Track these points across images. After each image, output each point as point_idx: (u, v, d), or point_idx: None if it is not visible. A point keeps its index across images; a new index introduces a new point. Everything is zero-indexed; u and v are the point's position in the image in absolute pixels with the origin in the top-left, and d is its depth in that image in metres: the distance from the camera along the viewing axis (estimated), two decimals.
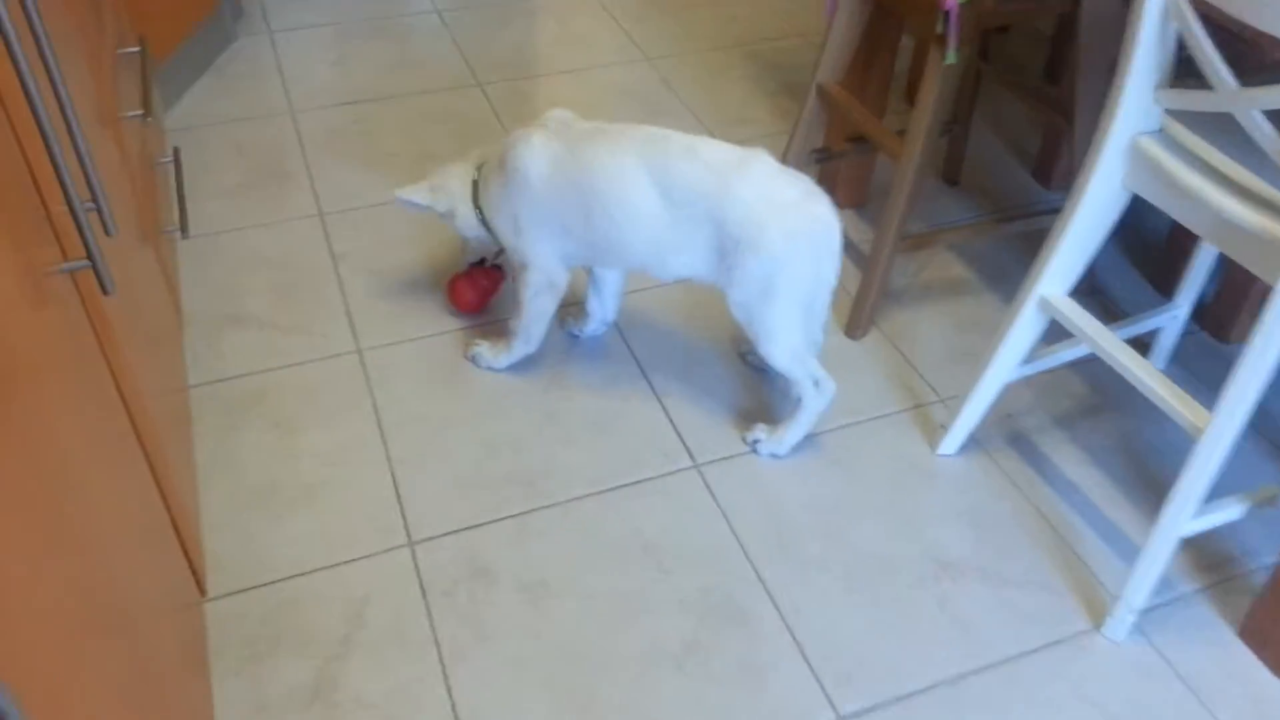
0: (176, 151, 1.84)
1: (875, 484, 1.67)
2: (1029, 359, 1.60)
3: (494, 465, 1.68)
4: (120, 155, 1.38)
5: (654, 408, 1.78)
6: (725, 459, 1.70)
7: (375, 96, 2.58)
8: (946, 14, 1.59)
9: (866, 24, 1.91)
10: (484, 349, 1.83)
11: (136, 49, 1.71)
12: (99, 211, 0.94)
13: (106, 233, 0.94)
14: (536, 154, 1.61)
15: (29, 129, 0.89)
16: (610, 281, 1.84)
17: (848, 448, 1.73)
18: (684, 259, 1.59)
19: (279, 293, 1.99)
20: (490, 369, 1.83)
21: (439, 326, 1.93)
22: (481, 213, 1.74)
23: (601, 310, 1.88)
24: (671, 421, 1.76)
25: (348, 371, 1.83)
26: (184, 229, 1.66)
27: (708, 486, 1.66)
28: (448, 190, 1.76)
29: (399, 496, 1.62)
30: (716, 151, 1.54)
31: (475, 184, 1.75)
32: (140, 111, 1.58)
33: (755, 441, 1.70)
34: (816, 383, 1.64)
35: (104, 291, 0.87)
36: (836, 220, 1.55)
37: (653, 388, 1.82)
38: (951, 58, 1.63)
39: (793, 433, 1.67)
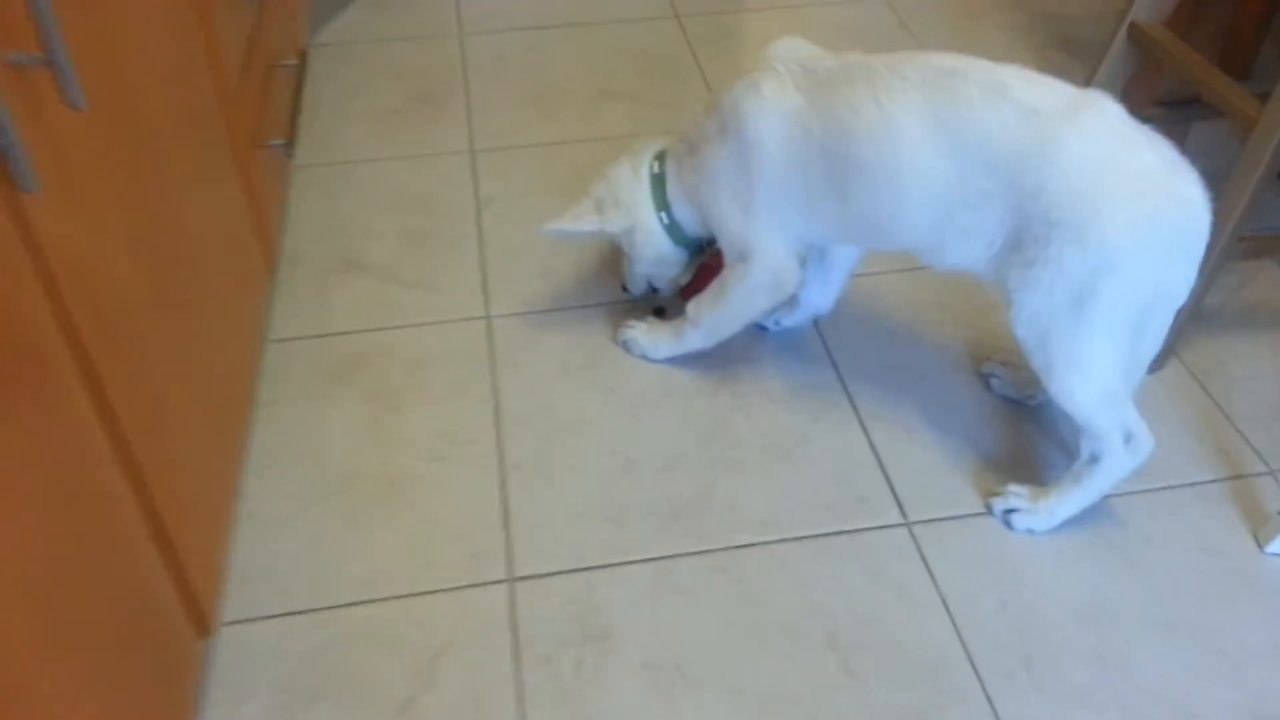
0: (304, 56, 1.51)
1: (1175, 588, 1.16)
2: None
3: (632, 487, 1.27)
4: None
5: (855, 435, 1.33)
6: (950, 520, 1.23)
7: (556, 23, 2.20)
8: None
9: None
10: (639, 333, 1.42)
11: None
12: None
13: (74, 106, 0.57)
14: (769, 110, 1.17)
15: None
16: (843, 260, 1.39)
17: (1134, 528, 1.22)
18: (965, 246, 1.12)
19: (409, 238, 1.64)
20: (644, 358, 1.42)
21: (588, 298, 1.53)
22: (669, 218, 1.34)
23: (821, 296, 1.43)
24: (878, 457, 1.30)
25: (470, 341, 1.47)
26: (290, 146, 1.33)
27: (923, 557, 1.19)
28: (620, 200, 1.34)
29: (506, 514, 1.24)
30: (1036, 90, 1.05)
31: (656, 178, 1.33)
32: None
33: (1009, 511, 1.21)
34: (1129, 438, 1.14)
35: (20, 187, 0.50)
36: (1208, 207, 1.05)
37: (855, 408, 1.36)
38: None
39: (1070, 501, 1.18)
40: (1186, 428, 1.33)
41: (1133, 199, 1.01)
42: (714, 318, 1.33)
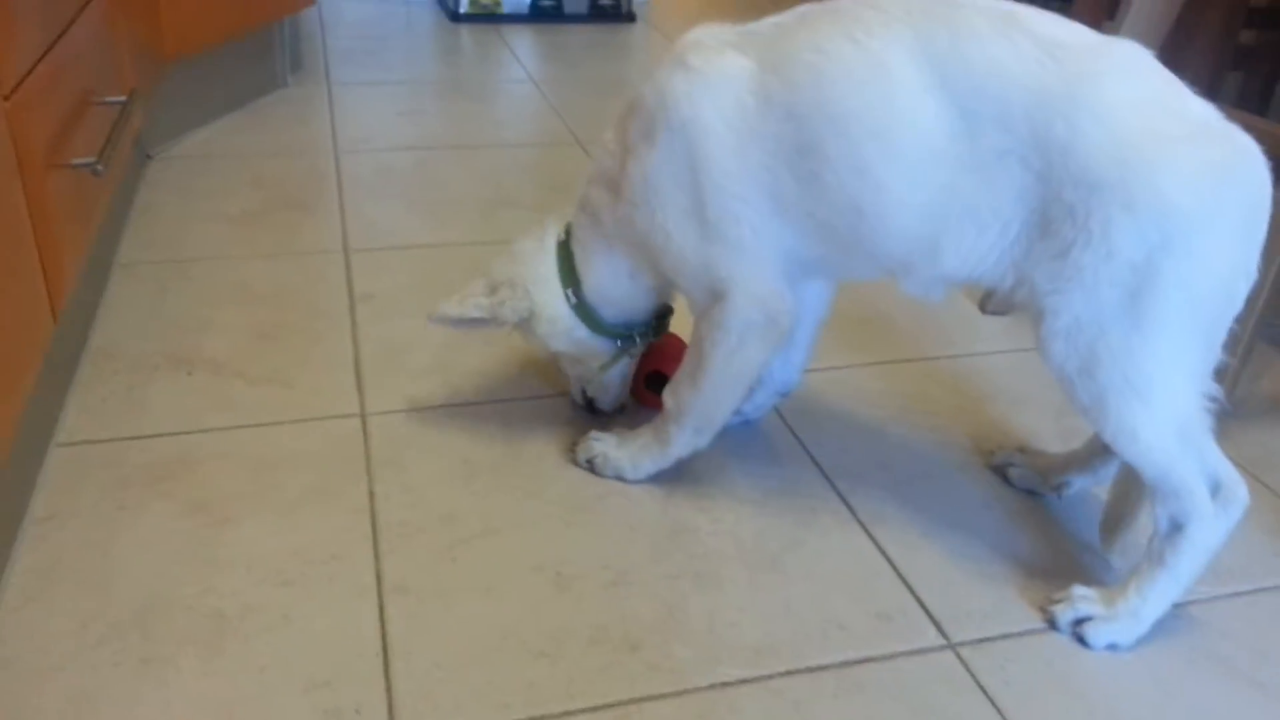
0: (133, 94, 1.21)
1: None
2: None
3: (570, 609, 0.90)
4: None
5: (859, 540, 1.01)
6: (1004, 639, 0.91)
7: (445, 144, 1.98)
8: None
9: None
10: (610, 446, 1.07)
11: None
12: None
13: None
14: (707, 81, 0.90)
15: None
16: (806, 312, 1.10)
17: (1239, 639, 0.92)
18: (972, 236, 0.86)
19: (259, 334, 1.30)
20: (620, 478, 1.07)
21: (497, 394, 1.21)
22: (576, 296, 1.04)
23: (785, 366, 1.13)
24: (893, 565, 0.98)
25: (338, 442, 1.11)
26: (102, 160, 1.00)
27: (982, 689, 0.85)
28: (518, 280, 1.04)
29: (386, 651, 0.85)
30: (1055, 24, 0.83)
31: (562, 247, 1.05)
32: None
33: (1079, 621, 0.90)
34: (1216, 488, 0.86)
35: None
36: (1266, 164, 0.83)
37: (851, 510, 1.05)
38: None
39: (1157, 595, 0.88)
40: (1259, 523, 1.07)
41: (1194, 147, 0.79)
42: (703, 397, 1.00)
